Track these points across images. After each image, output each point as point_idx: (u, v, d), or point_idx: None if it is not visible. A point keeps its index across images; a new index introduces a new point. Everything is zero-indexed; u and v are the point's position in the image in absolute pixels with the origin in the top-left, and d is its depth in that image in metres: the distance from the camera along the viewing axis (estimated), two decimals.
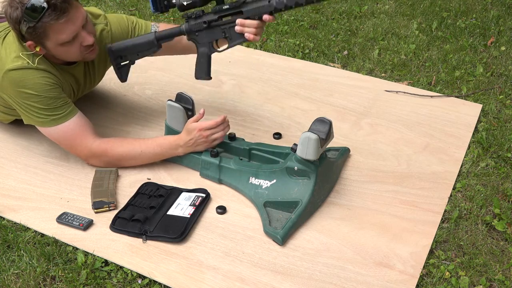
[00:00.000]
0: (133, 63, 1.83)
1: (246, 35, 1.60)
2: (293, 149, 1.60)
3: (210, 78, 1.75)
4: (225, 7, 1.61)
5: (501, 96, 2.24)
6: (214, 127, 1.70)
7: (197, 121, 1.72)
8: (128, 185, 1.75)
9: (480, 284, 1.43)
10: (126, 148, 1.75)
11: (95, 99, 2.17)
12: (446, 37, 2.72)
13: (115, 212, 1.62)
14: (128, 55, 1.80)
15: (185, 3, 1.61)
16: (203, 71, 1.74)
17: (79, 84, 1.84)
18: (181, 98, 1.77)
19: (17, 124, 1.94)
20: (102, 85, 2.16)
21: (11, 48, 1.66)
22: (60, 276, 1.44)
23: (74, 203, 1.67)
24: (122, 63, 1.82)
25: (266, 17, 1.56)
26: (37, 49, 1.61)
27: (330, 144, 1.70)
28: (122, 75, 1.85)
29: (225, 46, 1.70)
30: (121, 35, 1.85)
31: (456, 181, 1.79)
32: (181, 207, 1.62)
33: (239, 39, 1.64)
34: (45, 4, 1.50)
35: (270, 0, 1.54)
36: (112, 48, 1.79)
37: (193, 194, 1.68)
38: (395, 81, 2.36)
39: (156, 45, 1.76)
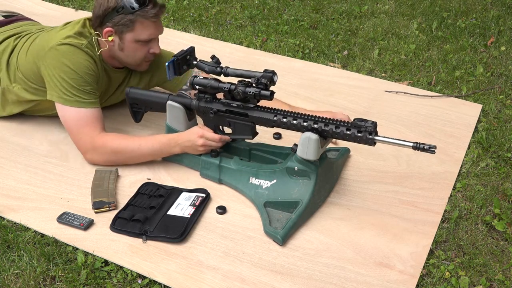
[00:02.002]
0: (146, 111, 1.89)
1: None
2: (293, 149, 1.60)
3: None
4: (234, 104, 1.66)
5: (501, 96, 2.24)
6: (216, 141, 1.71)
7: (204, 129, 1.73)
8: (128, 185, 1.75)
9: (480, 284, 1.43)
10: (125, 142, 1.76)
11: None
12: (446, 37, 2.72)
13: (115, 212, 1.62)
14: (141, 105, 1.87)
15: (197, 87, 1.69)
16: None
17: (108, 91, 1.90)
18: (181, 97, 1.77)
19: (17, 124, 1.94)
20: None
21: (65, 31, 1.75)
22: (60, 276, 1.43)
23: (74, 203, 1.67)
24: (136, 109, 1.89)
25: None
26: (110, 38, 1.71)
27: (331, 144, 1.70)
28: (136, 117, 1.91)
29: (230, 131, 1.75)
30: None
31: (456, 181, 1.79)
32: (181, 207, 1.62)
33: (242, 135, 1.71)
34: (147, 0, 1.68)
35: (276, 116, 1.61)
36: (129, 95, 1.85)
37: (193, 194, 1.68)
38: (395, 81, 2.37)
39: (165, 109, 1.80)
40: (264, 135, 1.94)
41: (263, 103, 1.68)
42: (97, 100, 1.78)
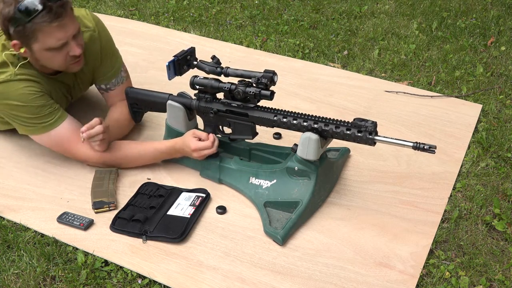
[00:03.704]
0: (146, 111, 1.89)
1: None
2: (294, 149, 1.60)
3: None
4: (234, 104, 1.66)
5: (501, 96, 2.24)
6: (209, 148, 1.68)
7: (196, 136, 1.69)
8: (128, 185, 1.75)
9: (480, 284, 1.43)
10: (128, 150, 1.76)
11: (95, 99, 2.16)
12: (446, 37, 2.72)
13: (115, 212, 1.62)
14: (142, 106, 1.87)
15: (197, 87, 1.69)
16: None
17: (70, 90, 1.84)
18: (182, 97, 1.77)
19: None
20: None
21: None
22: (60, 276, 1.44)
23: (74, 203, 1.67)
24: (136, 109, 1.89)
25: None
26: (22, 50, 1.58)
27: (331, 144, 1.70)
28: (136, 117, 1.91)
29: (229, 132, 1.74)
30: (106, 44, 1.84)
31: (456, 181, 1.79)
32: (181, 207, 1.62)
33: (242, 135, 1.71)
34: (40, 6, 1.48)
35: (276, 116, 1.60)
36: (129, 94, 1.85)
37: (193, 194, 1.68)
38: (395, 81, 2.36)
39: (165, 109, 1.79)
40: (264, 135, 1.94)
41: (263, 103, 1.68)
42: (62, 113, 1.71)
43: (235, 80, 1.65)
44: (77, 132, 1.70)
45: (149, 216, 1.59)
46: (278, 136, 1.97)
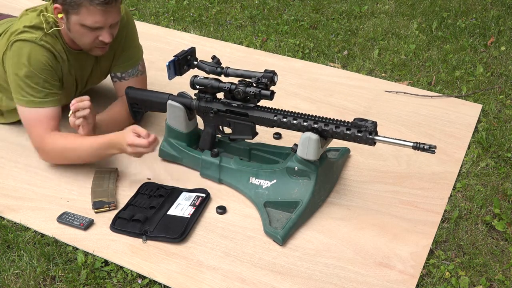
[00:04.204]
0: (146, 111, 1.90)
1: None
2: (294, 149, 1.60)
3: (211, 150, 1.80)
4: (234, 104, 1.66)
5: (501, 96, 2.24)
6: (144, 146, 1.61)
7: (136, 133, 1.63)
8: (128, 185, 1.75)
9: (480, 284, 1.43)
10: (68, 140, 1.70)
11: (96, 98, 2.16)
12: (446, 37, 2.72)
13: (115, 212, 1.62)
14: (142, 106, 1.87)
15: (197, 87, 1.69)
16: (206, 145, 1.80)
17: (84, 75, 1.85)
18: (182, 97, 1.77)
19: (17, 124, 1.94)
20: (103, 85, 2.15)
21: (26, 19, 1.69)
22: (60, 276, 1.44)
23: (74, 203, 1.67)
24: (136, 109, 1.90)
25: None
26: (60, 15, 1.64)
27: (331, 144, 1.70)
28: (136, 116, 1.92)
29: (229, 132, 1.74)
30: (131, 34, 1.90)
31: (456, 181, 1.79)
32: (181, 207, 1.62)
33: (242, 135, 1.71)
34: None
35: (276, 116, 1.61)
36: (129, 94, 1.86)
37: (193, 194, 1.68)
38: (395, 81, 2.37)
39: (165, 109, 1.79)
40: (264, 135, 1.94)
41: (263, 103, 1.68)
42: (55, 99, 1.72)
43: (235, 80, 1.65)
44: (52, 123, 1.71)
45: (149, 216, 1.59)
46: (278, 136, 1.97)
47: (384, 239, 1.55)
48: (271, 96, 1.58)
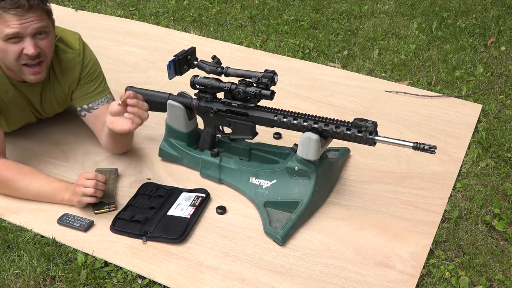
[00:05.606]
0: None
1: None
2: (294, 149, 1.60)
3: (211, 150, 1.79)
4: (235, 104, 1.66)
5: (501, 96, 2.24)
6: (88, 187, 1.55)
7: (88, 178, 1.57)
8: (128, 185, 1.75)
9: (480, 284, 1.43)
10: (14, 173, 1.62)
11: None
12: (446, 37, 2.72)
13: (115, 213, 1.61)
14: None
15: (197, 86, 1.69)
16: (206, 145, 1.80)
17: (34, 105, 1.78)
18: (182, 97, 1.77)
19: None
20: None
21: None
22: (60, 276, 1.44)
23: None
24: None
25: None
26: None
27: (331, 144, 1.70)
28: None
29: (229, 131, 1.74)
30: (89, 71, 1.79)
31: (456, 181, 1.79)
32: (181, 208, 1.62)
33: (242, 135, 1.71)
34: None
35: (276, 116, 1.61)
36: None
37: (193, 194, 1.68)
38: (395, 81, 2.37)
39: (165, 109, 1.79)
40: (264, 135, 1.94)
41: (263, 103, 1.68)
42: None
43: (235, 80, 1.65)
44: None
45: (149, 217, 1.59)
46: (278, 136, 1.97)
47: (384, 239, 1.55)
48: (271, 96, 1.58)
